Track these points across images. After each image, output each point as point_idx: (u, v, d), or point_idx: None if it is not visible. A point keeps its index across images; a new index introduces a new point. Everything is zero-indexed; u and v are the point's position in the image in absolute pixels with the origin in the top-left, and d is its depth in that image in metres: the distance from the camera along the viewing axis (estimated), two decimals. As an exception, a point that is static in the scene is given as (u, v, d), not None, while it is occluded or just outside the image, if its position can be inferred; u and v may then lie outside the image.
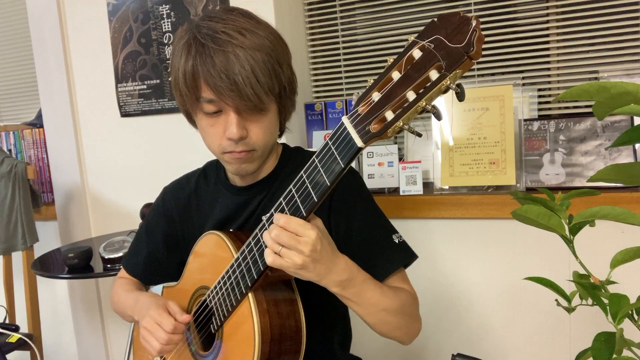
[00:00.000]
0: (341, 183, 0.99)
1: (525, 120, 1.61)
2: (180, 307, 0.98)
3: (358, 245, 0.99)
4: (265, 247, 0.82)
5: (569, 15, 1.69)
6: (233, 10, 0.95)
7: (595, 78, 1.67)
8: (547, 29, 1.73)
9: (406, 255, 1.01)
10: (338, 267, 0.85)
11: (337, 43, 1.99)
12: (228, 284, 0.92)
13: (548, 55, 1.73)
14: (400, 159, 1.79)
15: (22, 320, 2.12)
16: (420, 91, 0.64)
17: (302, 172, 0.79)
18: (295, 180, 0.80)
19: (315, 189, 0.77)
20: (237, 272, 0.90)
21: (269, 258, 0.81)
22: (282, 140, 1.84)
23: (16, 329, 2.02)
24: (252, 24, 0.92)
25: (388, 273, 0.98)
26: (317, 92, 2.05)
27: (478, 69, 1.79)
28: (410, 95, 0.64)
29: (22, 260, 2.09)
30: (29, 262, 2.05)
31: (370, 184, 1.74)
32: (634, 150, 1.49)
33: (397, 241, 1.01)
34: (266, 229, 0.85)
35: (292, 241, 0.79)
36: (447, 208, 1.62)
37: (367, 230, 1.01)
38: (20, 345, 1.96)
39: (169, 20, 1.97)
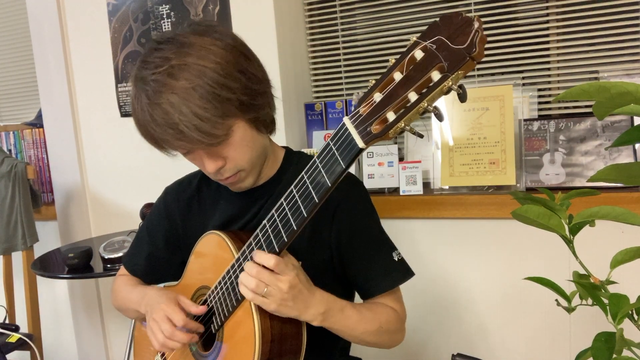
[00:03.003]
0: (347, 194, 1.00)
1: (525, 120, 1.61)
2: (191, 301, 0.99)
3: (358, 258, 1.00)
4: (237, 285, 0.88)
5: (569, 15, 1.69)
6: (167, 40, 0.88)
7: (595, 78, 1.67)
8: (547, 29, 1.73)
9: (403, 274, 1.02)
10: (315, 301, 0.88)
11: (337, 43, 1.99)
12: (229, 284, 0.92)
13: (548, 55, 1.73)
14: (401, 159, 1.79)
15: (22, 320, 2.12)
16: (422, 92, 0.64)
17: (303, 172, 0.79)
18: (297, 181, 0.80)
19: (316, 189, 0.76)
20: (238, 272, 0.90)
21: (249, 295, 0.85)
22: (281, 139, 1.85)
23: (16, 329, 2.02)
24: (185, 53, 0.85)
25: (382, 291, 1.00)
26: (317, 92, 2.05)
27: (478, 69, 1.79)
28: (412, 96, 0.64)
29: (22, 260, 2.09)
30: (29, 262, 2.05)
31: (370, 184, 1.74)
32: (634, 150, 1.49)
33: (396, 259, 1.01)
34: (267, 229, 0.85)
35: (272, 278, 0.83)
36: (447, 208, 1.62)
37: (368, 244, 1.01)
38: (20, 345, 1.96)
39: (169, 20, 1.97)
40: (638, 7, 1.60)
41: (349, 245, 1.00)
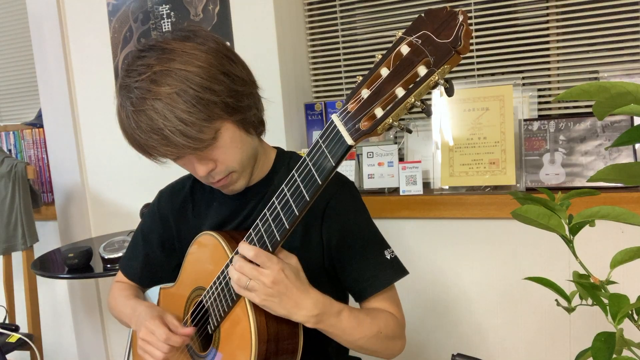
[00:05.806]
0: (336, 194, 0.99)
1: (525, 120, 1.61)
2: (178, 320, 0.98)
3: (349, 258, 0.99)
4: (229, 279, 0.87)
5: (569, 15, 1.69)
6: (150, 48, 0.88)
7: (595, 78, 1.67)
8: (547, 29, 1.73)
9: (396, 272, 1.00)
10: (308, 303, 0.85)
11: (337, 43, 1.99)
12: (224, 284, 0.92)
13: (548, 55, 1.73)
14: (401, 159, 1.79)
15: (22, 320, 2.12)
16: (409, 87, 0.64)
17: (293, 171, 0.79)
18: (287, 180, 0.80)
19: (307, 187, 0.77)
20: None
21: (235, 287, 0.85)
22: (281, 139, 1.85)
23: (16, 329, 2.02)
24: (167, 59, 0.85)
25: (376, 290, 0.98)
26: (317, 92, 2.05)
27: (478, 69, 1.79)
28: (400, 92, 0.64)
29: (22, 260, 2.09)
30: (29, 262, 2.05)
31: (370, 184, 1.74)
32: (634, 150, 1.49)
33: (388, 257, 1.00)
34: (260, 228, 0.85)
35: (254, 272, 0.82)
36: (447, 208, 1.62)
37: (359, 244, 1.00)
38: (20, 345, 1.96)
39: (169, 20, 1.97)
40: (638, 7, 1.60)
41: (340, 246, 1.00)
